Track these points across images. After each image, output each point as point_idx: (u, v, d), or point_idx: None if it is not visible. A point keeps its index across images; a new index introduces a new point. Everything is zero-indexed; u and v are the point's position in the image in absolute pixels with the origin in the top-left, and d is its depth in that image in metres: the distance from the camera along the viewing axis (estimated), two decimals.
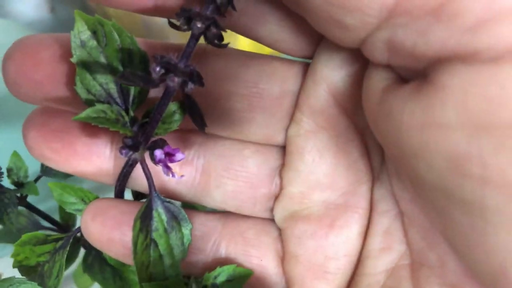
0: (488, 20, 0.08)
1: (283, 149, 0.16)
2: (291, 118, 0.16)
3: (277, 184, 0.17)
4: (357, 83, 0.14)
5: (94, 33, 0.13)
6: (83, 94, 0.14)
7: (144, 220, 0.15)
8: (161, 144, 0.14)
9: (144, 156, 0.14)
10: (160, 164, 0.14)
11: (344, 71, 0.14)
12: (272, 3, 0.13)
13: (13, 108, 0.39)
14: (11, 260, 0.45)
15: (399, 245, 0.15)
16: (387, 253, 0.15)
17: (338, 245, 0.16)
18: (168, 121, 0.14)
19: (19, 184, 0.24)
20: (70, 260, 0.26)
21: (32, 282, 0.19)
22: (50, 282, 0.19)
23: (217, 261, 0.17)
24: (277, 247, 0.17)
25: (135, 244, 0.14)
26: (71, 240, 0.19)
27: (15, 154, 0.24)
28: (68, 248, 0.19)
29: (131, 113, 0.14)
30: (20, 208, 0.24)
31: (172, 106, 0.14)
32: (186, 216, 0.15)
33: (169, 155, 0.14)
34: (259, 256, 0.17)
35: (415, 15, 0.09)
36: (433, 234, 0.13)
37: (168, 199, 0.15)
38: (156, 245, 0.15)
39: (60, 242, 0.19)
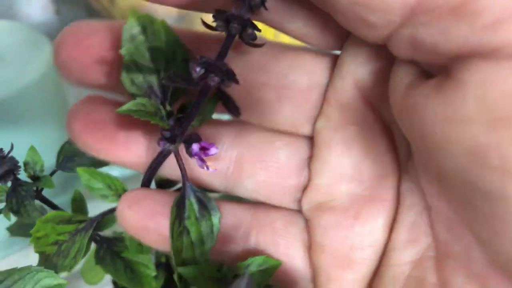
0: (506, 18, 0.09)
1: (312, 142, 0.17)
2: (320, 110, 0.16)
3: (306, 175, 0.17)
4: (384, 78, 0.14)
5: (144, 29, 0.14)
6: (127, 84, 0.15)
7: (179, 209, 0.16)
8: (196, 138, 0.15)
9: (178, 148, 0.15)
10: (196, 157, 0.15)
11: (370, 66, 0.15)
12: (300, 1, 0.14)
13: (30, 106, 0.40)
14: (19, 257, 0.46)
15: (425, 238, 0.15)
16: (413, 245, 0.15)
17: (363, 235, 0.16)
18: (202, 112, 0.15)
19: (35, 178, 0.25)
20: (81, 251, 0.27)
21: (49, 270, 0.20)
22: (66, 261, 0.20)
23: (247, 250, 0.17)
24: (304, 237, 0.17)
25: (172, 230, 0.15)
26: (94, 224, 0.20)
27: (32, 149, 0.25)
28: (91, 231, 0.19)
29: (168, 107, 0.15)
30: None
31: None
32: (216, 205, 0.16)
33: (204, 149, 0.15)
34: (287, 245, 0.17)
35: (436, 14, 0.10)
36: (459, 226, 0.14)
37: (199, 189, 0.16)
38: (188, 232, 0.16)
39: (83, 224, 0.20)
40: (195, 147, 0.15)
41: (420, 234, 0.15)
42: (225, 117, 0.23)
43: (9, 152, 0.22)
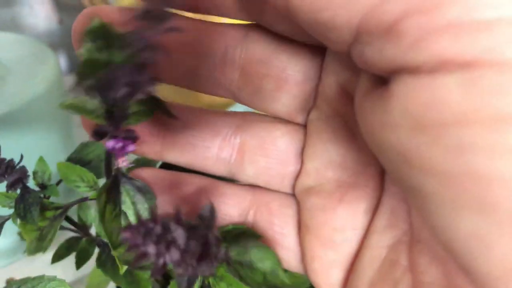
0: (423, 39, 0.11)
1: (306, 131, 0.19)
2: (313, 103, 0.18)
3: (301, 162, 0.19)
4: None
5: (100, 35, 0.15)
6: (80, 79, 0.16)
7: (111, 193, 0.18)
8: (119, 134, 0.16)
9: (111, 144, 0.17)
10: (113, 152, 0.16)
11: (349, 67, 0.17)
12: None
13: (37, 117, 0.42)
14: (23, 265, 0.49)
15: (402, 224, 0.16)
16: (391, 230, 0.17)
17: (345, 219, 0.18)
18: (138, 113, 0.17)
19: (42, 186, 0.27)
20: (85, 258, 0.30)
21: (60, 280, 0.23)
22: (44, 243, 0.23)
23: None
24: (297, 219, 0.19)
25: (102, 213, 0.17)
26: (67, 210, 0.23)
27: (41, 159, 0.27)
28: (65, 216, 0.23)
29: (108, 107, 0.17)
30: None
31: (137, 105, 0.17)
32: (150, 189, 0.18)
33: (121, 147, 0.16)
34: (281, 225, 0.19)
35: (374, 35, 0.12)
36: None
37: (132, 177, 0.18)
38: (126, 215, 0.18)
39: (59, 211, 0.23)
40: (111, 143, 0.16)
41: (399, 220, 0.16)
42: (239, 108, 0.25)
43: (19, 162, 0.25)
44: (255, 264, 0.18)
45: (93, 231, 0.31)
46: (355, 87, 0.16)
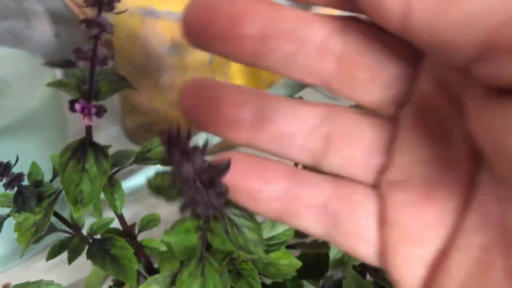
0: None
1: (396, 125, 0.19)
2: (408, 97, 0.19)
3: (388, 156, 0.19)
4: (464, 78, 0.16)
5: None
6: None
7: (76, 152, 0.23)
8: (92, 107, 0.22)
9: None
10: (79, 112, 0.22)
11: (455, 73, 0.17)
12: None
13: (37, 128, 0.47)
14: (19, 271, 0.53)
15: (495, 226, 0.16)
16: (483, 232, 0.16)
17: (432, 216, 0.18)
18: (105, 90, 0.23)
19: (37, 184, 0.30)
20: (76, 254, 0.34)
21: (59, 284, 0.26)
22: (39, 230, 0.27)
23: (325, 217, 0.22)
24: (378, 212, 0.20)
25: (64, 166, 0.22)
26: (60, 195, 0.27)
27: (34, 163, 0.31)
28: (56, 202, 0.28)
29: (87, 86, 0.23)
30: None
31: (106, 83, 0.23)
32: (108, 154, 0.23)
33: (85, 110, 0.22)
34: (364, 217, 0.20)
35: (502, 52, 0.12)
36: None
37: (97, 142, 0.23)
38: (87, 171, 0.23)
39: (53, 196, 0.28)
40: (78, 106, 0.22)
41: (491, 221, 0.16)
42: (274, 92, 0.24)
43: (15, 164, 0.29)
44: (243, 230, 0.21)
45: (84, 231, 0.34)
46: (457, 86, 0.17)
